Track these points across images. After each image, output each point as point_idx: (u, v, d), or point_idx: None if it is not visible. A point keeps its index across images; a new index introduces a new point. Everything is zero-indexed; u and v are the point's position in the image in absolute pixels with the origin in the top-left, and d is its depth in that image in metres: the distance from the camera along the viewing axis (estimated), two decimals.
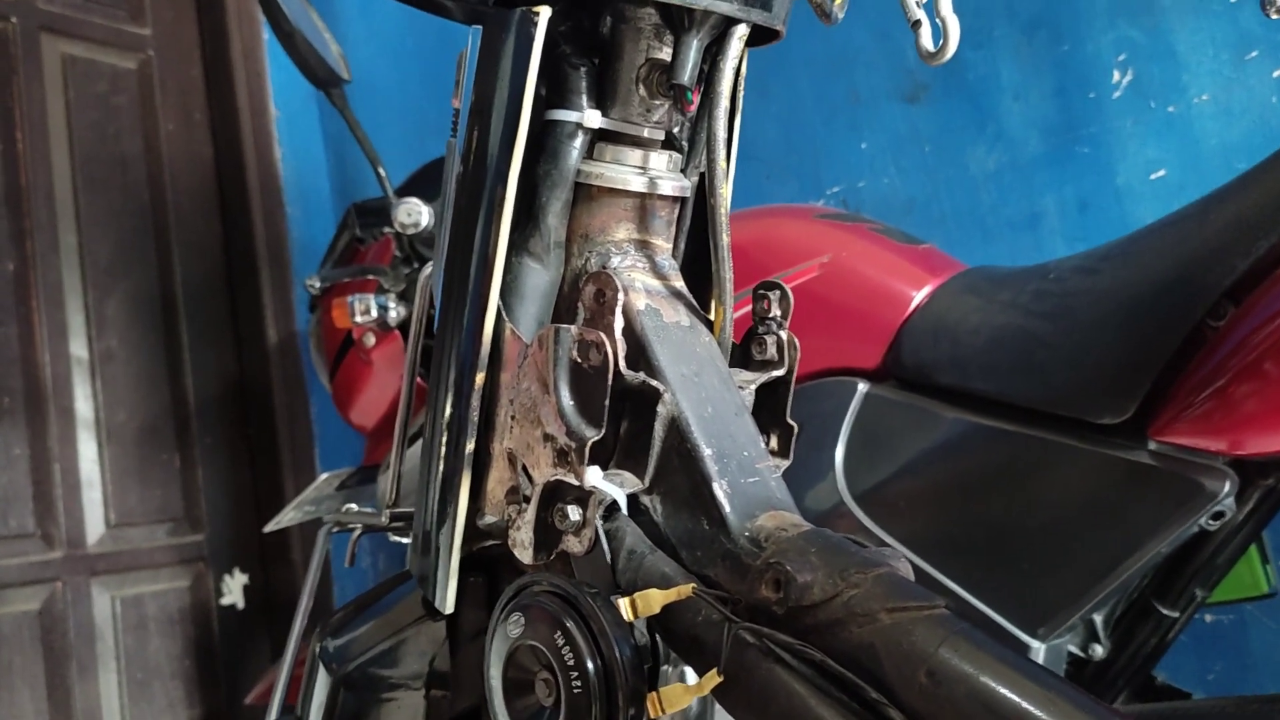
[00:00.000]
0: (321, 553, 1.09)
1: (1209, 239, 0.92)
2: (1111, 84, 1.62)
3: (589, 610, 0.50)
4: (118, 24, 2.71)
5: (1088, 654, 1.02)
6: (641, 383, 0.55)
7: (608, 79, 0.60)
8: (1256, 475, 0.92)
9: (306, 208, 2.92)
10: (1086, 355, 0.97)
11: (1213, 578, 1.01)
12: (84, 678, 2.37)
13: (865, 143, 1.93)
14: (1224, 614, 1.48)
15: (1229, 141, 1.52)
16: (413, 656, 0.79)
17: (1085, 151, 1.66)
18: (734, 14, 0.56)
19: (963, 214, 1.81)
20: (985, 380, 1.05)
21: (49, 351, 2.43)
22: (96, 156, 2.60)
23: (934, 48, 0.55)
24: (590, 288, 0.57)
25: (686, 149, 0.64)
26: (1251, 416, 0.86)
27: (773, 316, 0.63)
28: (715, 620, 0.49)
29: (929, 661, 0.43)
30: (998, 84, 1.76)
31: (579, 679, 0.50)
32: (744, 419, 0.59)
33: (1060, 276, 1.06)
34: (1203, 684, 1.50)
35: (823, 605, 0.47)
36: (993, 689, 0.42)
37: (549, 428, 0.55)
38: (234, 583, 2.65)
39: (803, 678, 0.46)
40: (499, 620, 0.55)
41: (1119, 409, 0.93)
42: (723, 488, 0.54)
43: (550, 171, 0.60)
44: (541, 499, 0.56)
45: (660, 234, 0.63)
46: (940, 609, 0.46)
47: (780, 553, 0.49)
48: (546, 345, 0.55)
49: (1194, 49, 1.55)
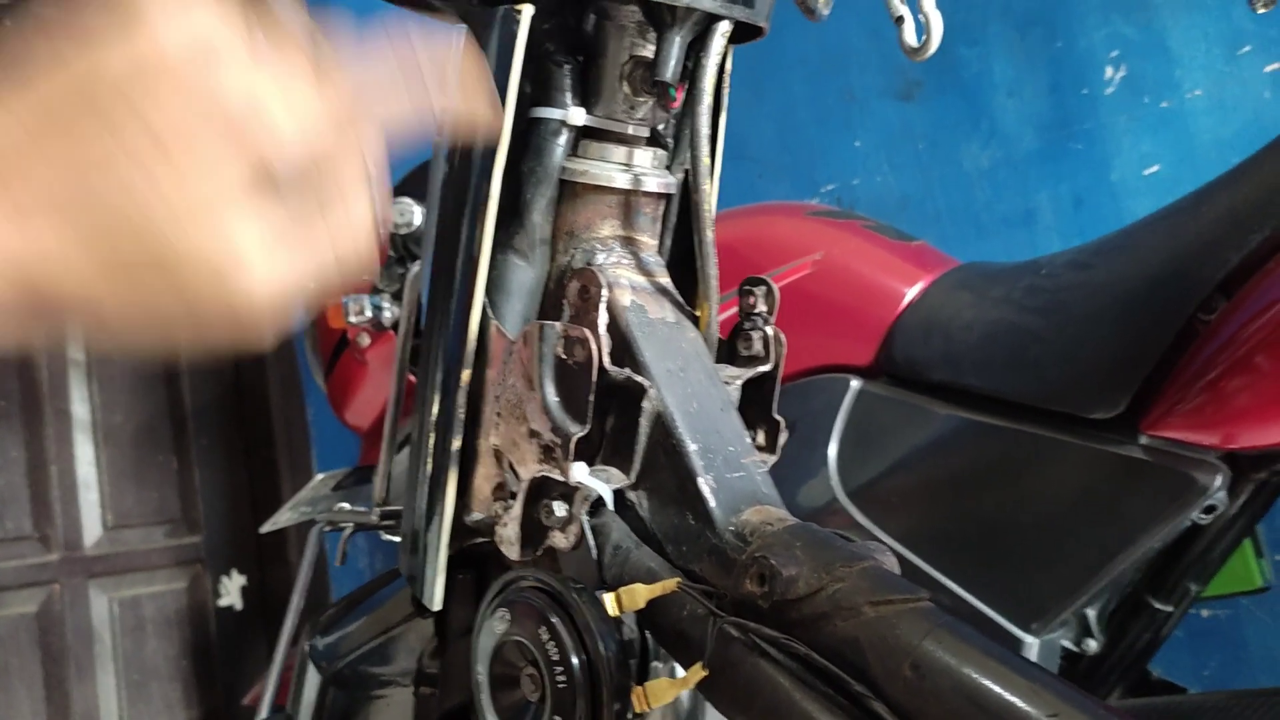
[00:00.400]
0: (313, 552, 1.09)
1: (1201, 233, 0.92)
2: (1105, 80, 1.63)
3: (574, 605, 0.50)
4: None
5: (1082, 649, 1.02)
6: (626, 378, 0.55)
7: (592, 76, 0.60)
8: (1249, 469, 0.92)
9: None
10: (1079, 350, 0.97)
11: (1206, 572, 1.01)
12: (82, 679, 2.37)
13: (859, 140, 1.93)
14: (1219, 609, 1.48)
15: (1222, 136, 1.52)
16: (402, 654, 0.79)
17: (1079, 148, 1.66)
18: (716, 10, 0.56)
19: (957, 211, 1.81)
20: (978, 376, 1.05)
21: (45, 353, 2.43)
22: None
23: (917, 43, 0.56)
24: (575, 284, 0.57)
25: (671, 145, 0.64)
26: (1244, 410, 0.86)
27: (759, 312, 0.63)
28: (700, 614, 0.49)
29: (913, 654, 0.43)
30: (991, 81, 1.76)
31: (564, 674, 0.50)
32: (730, 414, 0.59)
33: (1053, 272, 1.06)
34: (1198, 679, 1.50)
35: (807, 599, 0.47)
36: (977, 681, 0.42)
37: (534, 424, 0.55)
38: (231, 584, 2.65)
39: (787, 671, 0.46)
40: (485, 616, 0.55)
41: (1111, 403, 0.93)
42: (708, 483, 0.54)
43: (535, 169, 0.60)
44: (528, 495, 0.56)
45: (645, 230, 0.63)
46: (924, 602, 0.46)
47: (765, 547, 0.49)
48: (531, 342, 0.55)
49: (1187, 44, 1.55)
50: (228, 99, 0.39)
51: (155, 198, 0.38)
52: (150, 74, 0.38)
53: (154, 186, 0.38)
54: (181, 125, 0.38)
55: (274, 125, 0.40)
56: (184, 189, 0.38)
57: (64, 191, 0.38)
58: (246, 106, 0.39)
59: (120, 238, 0.39)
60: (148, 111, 0.38)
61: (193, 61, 0.38)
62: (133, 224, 0.39)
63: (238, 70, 0.39)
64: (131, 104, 0.38)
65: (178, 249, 0.39)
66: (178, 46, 0.38)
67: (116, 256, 0.39)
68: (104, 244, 0.39)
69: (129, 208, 0.38)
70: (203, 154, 0.39)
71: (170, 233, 0.39)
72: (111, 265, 0.39)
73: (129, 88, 0.38)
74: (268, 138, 0.39)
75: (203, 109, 0.38)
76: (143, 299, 0.40)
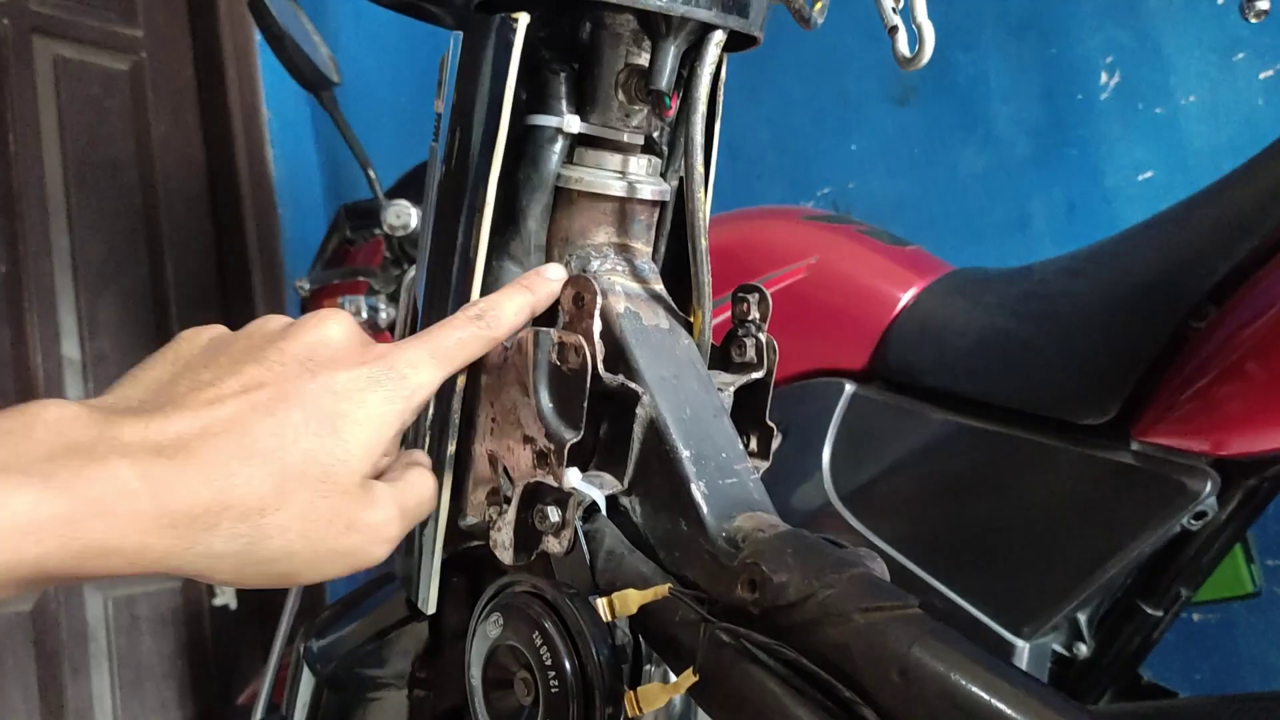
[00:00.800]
0: None
1: (1192, 240, 0.92)
2: (1099, 86, 1.63)
3: (567, 611, 0.51)
4: (110, 26, 2.71)
5: (1073, 653, 1.03)
6: (620, 385, 0.56)
7: (587, 84, 0.60)
8: (1239, 475, 0.93)
9: (298, 209, 2.93)
10: (1070, 356, 0.98)
11: (1196, 577, 1.01)
12: (76, 678, 2.37)
13: (855, 144, 1.94)
14: (1211, 614, 1.49)
15: (1216, 143, 1.52)
16: (396, 656, 0.80)
17: (1073, 153, 1.66)
18: (711, 20, 0.56)
19: (952, 215, 1.82)
20: (970, 381, 1.05)
21: (41, 353, 2.43)
22: (88, 158, 2.60)
23: (910, 53, 0.56)
24: (569, 291, 0.57)
25: (666, 153, 0.64)
26: (1233, 417, 0.87)
27: (752, 319, 0.64)
28: (692, 620, 0.50)
29: (901, 661, 0.44)
30: (987, 86, 1.76)
31: (556, 678, 0.50)
32: (723, 421, 0.59)
33: (1045, 278, 1.06)
34: (1190, 684, 1.50)
35: (798, 605, 0.47)
36: (964, 687, 0.43)
37: (529, 430, 0.55)
38: None
39: (777, 677, 0.46)
40: (479, 620, 0.56)
41: (1102, 410, 0.93)
42: (701, 489, 0.54)
43: (530, 175, 0.60)
44: (522, 500, 0.56)
45: (640, 238, 0.63)
46: (913, 609, 0.46)
47: (757, 553, 0.49)
48: (526, 348, 0.55)
49: (1181, 51, 1.55)
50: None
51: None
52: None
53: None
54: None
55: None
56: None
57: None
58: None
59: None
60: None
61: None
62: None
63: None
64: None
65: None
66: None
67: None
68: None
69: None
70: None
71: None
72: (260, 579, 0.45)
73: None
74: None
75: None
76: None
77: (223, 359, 0.46)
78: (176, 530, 0.40)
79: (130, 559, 0.39)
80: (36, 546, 0.37)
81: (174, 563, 0.41)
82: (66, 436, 0.39)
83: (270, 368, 0.46)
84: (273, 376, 0.45)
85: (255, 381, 0.45)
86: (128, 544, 0.39)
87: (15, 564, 0.36)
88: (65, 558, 0.37)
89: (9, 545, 0.36)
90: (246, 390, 0.44)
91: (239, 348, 0.47)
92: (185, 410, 0.43)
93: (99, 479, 0.38)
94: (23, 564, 0.37)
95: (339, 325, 0.49)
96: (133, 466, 0.39)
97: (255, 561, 0.43)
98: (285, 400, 0.45)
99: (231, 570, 0.43)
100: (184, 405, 0.43)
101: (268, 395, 0.44)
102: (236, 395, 0.44)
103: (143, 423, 0.41)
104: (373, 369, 0.48)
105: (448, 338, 0.53)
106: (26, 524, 0.36)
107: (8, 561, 0.36)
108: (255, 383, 0.45)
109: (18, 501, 0.36)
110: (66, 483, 0.38)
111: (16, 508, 0.36)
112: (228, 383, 0.45)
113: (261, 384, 0.45)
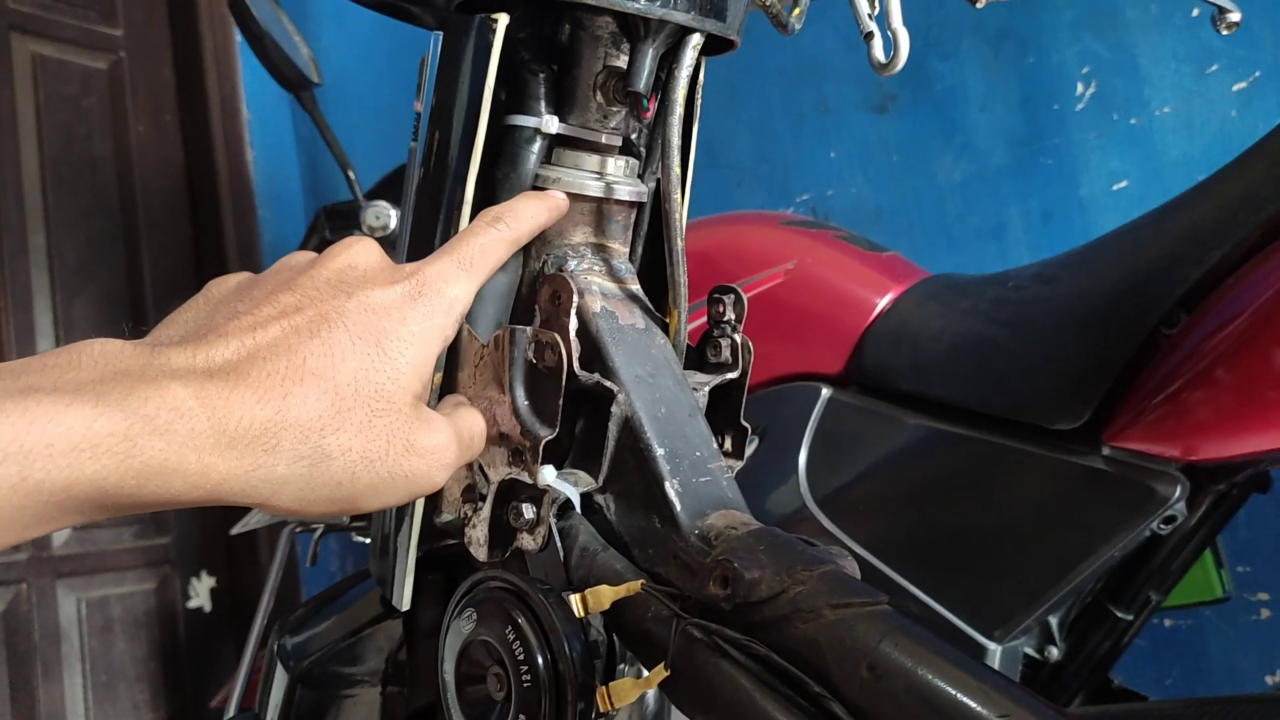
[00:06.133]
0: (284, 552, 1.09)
1: (1164, 248, 0.93)
2: (1075, 96, 1.65)
3: (539, 606, 0.51)
4: (89, 24, 2.70)
5: (1044, 656, 1.03)
6: (596, 383, 0.56)
7: (566, 85, 0.61)
8: (1208, 481, 0.94)
9: (278, 210, 2.92)
10: (1043, 362, 0.99)
11: (1166, 582, 1.02)
12: (48, 679, 2.35)
13: (834, 152, 1.95)
14: (1181, 619, 1.51)
15: (1190, 153, 1.54)
16: (370, 653, 0.80)
17: (1049, 162, 1.68)
18: (688, 23, 0.57)
19: (929, 223, 1.83)
20: (945, 386, 1.06)
21: (16, 353, 2.42)
22: (66, 157, 2.59)
23: (885, 59, 0.57)
24: (546, 289, 0.57)
25: (644, 155, 0.65)
26: (1203, 423, 0.88)
27: (727, 320, 0.64)
28: (664, 616, 0.50)
29: (870, 656, 0.44)
30: (965, 95, 1.78)
31: (529, 674, 0.50)
32: (697, 420, 0.60)
33: (1019, 284, 1.07)
34: (1160, 688, 1.52)
35: (769, 601, 0.47)
36: (931, 682, 0.43)
37: (504, 427, 0.55)
38: (200, 585, 2.64)
39: (748, 672, 0.47)
40: (453, 616, 0.56)
41: (1074, 415, 0.94)
42: (674, 487, 0.55)
43: (509, 175, 0.61)
44: (496, 497, 0.57)
45: (617, 238, 0.64)
46: (882, 605, 0.47)
47: (729, 550, 0.50)
48: (502, 346, 0.56)
49: (1156, 62, 1.57)
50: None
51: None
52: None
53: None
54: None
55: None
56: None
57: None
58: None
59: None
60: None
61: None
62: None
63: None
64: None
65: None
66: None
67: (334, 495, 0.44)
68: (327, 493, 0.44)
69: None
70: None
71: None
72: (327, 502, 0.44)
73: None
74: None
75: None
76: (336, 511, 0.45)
77: (256, 292, 0.46)
78: (237, 450, 0.39)
79: (192, 480, 0.38)
80: (93, 464, 0.35)
81: (237, 486, 0.40)
82: (115, 364, 0.39)
83: (305, 293, 0.45)
84: (309, 300, 0.45)
85: (293, 306, 0.44)
86: (188, 464, 0.38)
87: (72, 482, 0.35)
88: (124, 477, 0.36)
89: (64, 463, 0.35)
90: (285, 314, 0.44)
91: (270, 283, 0.47)
92: (230, 337, 0.42)
93: (153, 398, 0.37)
94: (80, 482, 0.35)
95: (365, 250, 0.49)
96: (185, 387, 0.38)
97: (320, 484, 0.42)
98: (327, 321, 0.44)
99: (296, 496, 0.42)
100: (227, 333, 0.42)
101: (308, 318, 0.44)
102: (277, 318, 0.43)
103: (189, 350, 0.41)
104: (407, 285, 0.47)
105: (471, 245, 0.52)
106: (81, 440, 0.35)
107: (65, 480, 0.35)
108: (293, 307, 0.44)
109: (70, 418, 0.35)
110: (120, 401, 0.37)
111: (70, 424, 0.35)
112: (265, 309, 0.44)
113: (299, 308, 0.44)
